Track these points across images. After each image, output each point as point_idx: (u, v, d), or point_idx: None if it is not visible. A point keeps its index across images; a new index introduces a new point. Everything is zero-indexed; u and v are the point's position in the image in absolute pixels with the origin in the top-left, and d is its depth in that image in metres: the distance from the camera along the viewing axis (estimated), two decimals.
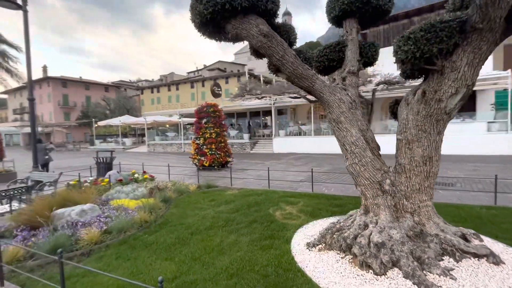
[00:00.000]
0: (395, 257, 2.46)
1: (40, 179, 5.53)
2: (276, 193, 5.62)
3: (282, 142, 18.05)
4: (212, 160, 11.14)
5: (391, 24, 18.06)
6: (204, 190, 6.19)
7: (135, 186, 5.99)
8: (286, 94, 17.78)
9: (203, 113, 11.56)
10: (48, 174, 5.69)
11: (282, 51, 2.77)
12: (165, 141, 22.47)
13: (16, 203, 4.73)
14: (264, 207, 4.67)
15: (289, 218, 4.14)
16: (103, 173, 7.77)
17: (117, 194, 5.35)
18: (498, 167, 9.56)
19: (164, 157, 17.63)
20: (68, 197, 4.34)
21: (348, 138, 3.03)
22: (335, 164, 11.62)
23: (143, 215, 4.01)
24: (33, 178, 5.72)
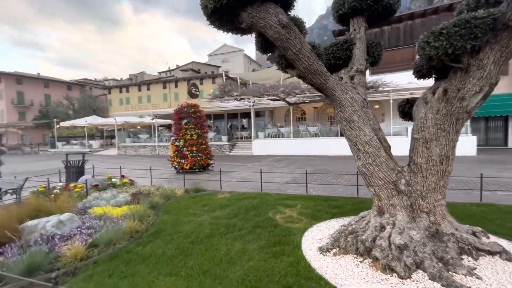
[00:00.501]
0: (419, 258, 2.40)
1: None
2: (270, 195, 5.44)
3: (261, 144, 17.96)
4: (193, 162, 10.67)
5: None
6: (192, 194, 5.80)
7: (114, 192, 5.43)
8: (265, 96, 17.77)
9: (184, 113, 11.04)
10: (10, 180, 4.92)
11: (299, 44, 2.61)
12: (137, 143, 21.24)
13: None
14: (263, 210, 4.46)
15: (291, 222, 3.97)
16: (74, 178, 6.99)
17: (96, 201, 4.78)
18: (464, 166, 10.30)
19: (137, 160, 16.62)
20: (39, 206, 3.75)
21: (361, 138, 2.95)
22: (316, 166, 11.75)
23: (132, 224, 3.57)
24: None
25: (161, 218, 4.21)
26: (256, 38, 3.12)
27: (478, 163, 11.15)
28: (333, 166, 11.53)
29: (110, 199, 4.96)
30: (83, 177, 6.23)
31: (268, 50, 3.17)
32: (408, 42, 17.57)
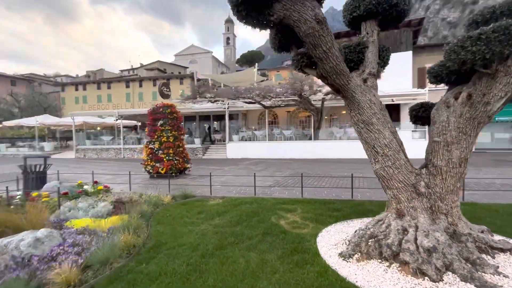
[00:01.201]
0: (448, 261, 2.42)
1: None
2: (266, 200, 5.25)
3: (235, 147, 17.69)
4: (170, 166, 10.02)
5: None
6: (180, 201, 5.35)
7: (91, 201, 4.76)
8: (240, 99, 17.59)
9: (159, 114, 10.35)
10: None
11: (330, 42, 2.51)
12: (99, 145, 19.46)
13: None
14: (264, 216, 4.25)
15: (298, 227, 3.83)
16: (35, 185, 6.03)
17: (72, 213, 4.12)
18: None
19: (101, 164, 15.17)
20: (3, 221, 3.09)
21: (380, 140, 2.93)
22: (294, 169, 11.86)
23: (127, 238, 3.10)
24: None
25: (155, 229, 3.76)
26: (273, 35, 2.95)
27: None
28: (311, 169, 11.72)
29: (88, 209, 4.33)
30: (49, 184, 5.37)
31: (284, 48, 3.02)
32: None
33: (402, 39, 18.06)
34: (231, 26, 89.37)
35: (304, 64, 2.90)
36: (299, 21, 2.39)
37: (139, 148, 18.86)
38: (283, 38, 2.85)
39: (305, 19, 2.37)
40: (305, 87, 15.62)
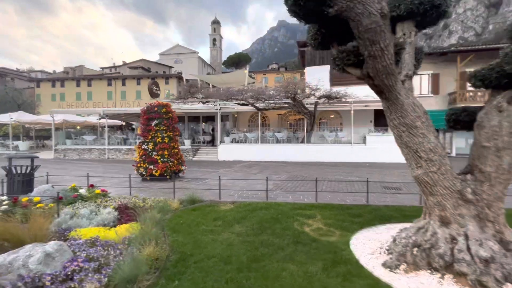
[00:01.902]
0: (506, 271, 2.32)
1: None
2: (280, 205, 5.02)
3: (227, 150, 17.33)
4: (164, 168, 9.54)
5: None
6: (190, 206, 4.99)
7: (92, 207, 4.31)
8: (233, 100, 17.30)
9: (154, 113, 9.84)
10: None
11: (389, 39, 2.35)
12: (81, 145, 18.34)
13: None
14: (286, 223, 4.03)
15: (325, 235, 3.64)
16: (21, 189, 5.41)
17: (74, 221, 3.67)
18: None
19: (85, 166, 14.26)
20: (2, 233, 2.65)
21: (425, 145, 2.82)
22: (290, 172, 11.74)
23: (150, 251, 2.75)
24: None
25: (173, 238, 3.40)
26: (315, 30, 2.77)
27: None
28: (307, 172, 11.65)
29: (92, 216, 3.89)
30: (40, 188, 4.81)
31: (324, 45, 2.83)
32: None
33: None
34: (218, 27, 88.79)
35: (348, 63, 2.74)
36: (362, 15, 2.22)
37: (125, 149, 18.00)
38: (327, 34, 2.67)
39: (370, 12, 2.20)
40: (299, 90, 15.63)
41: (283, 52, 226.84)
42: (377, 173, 11.44)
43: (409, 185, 8.22)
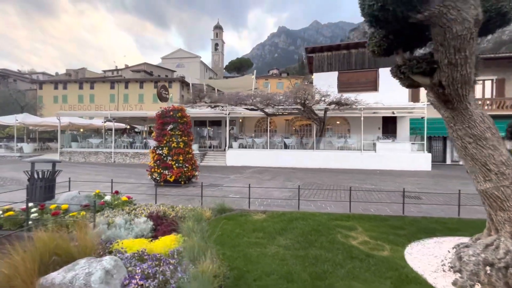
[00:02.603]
0: None
1: None
2: (315, 215, 4.86)
3: (235, 155, 17.17)
4: (179, 174, 9.37)
5: (333, 52, 20.14)
6: (222, 215, 4.82)
7: (126, 216, 4.13)
8: (242, 105, 17.21)
9: (169, 118, 9.72)
10: None
11: (474, 47, 2.25)
12: (86, 148, 18.11)
13: None
14: (329, 235, 3.87)
15: (375, 249, 3.49)
16: (42, 195, 5.22)
17: (113, 231, 3.49)
18: (430, 180, 11.39)
19: (94, 169, 14.04)
20: (53, 246, 2.47)
21: (496, 157, 2.69)
22: (303, 179, 11.59)
23: (207, 267, 2.58)
24: None
25: (220, 252, 3.23)
26: (381, 36, 2.65)
27: (439, 177, 12.43)
28: (319, 179, 11.50)
29: (128, 226, 3.71)
30: (68, 194, 4.62)
31: (389, 51, 2.72)
32: (372, 66, 19.25)
33: None
34: (220, 32, 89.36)
35: (419, 71, 2.62)
36: (455, 21, 2.11)
37: (132, 153, 17.79)
38: (394, 41, 2.56)
39: (463, 18, 2.09)
40: (309, 96, 15.57)
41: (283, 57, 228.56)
42: (390, 181, 11.32)
43: (428, 194, 8.08)
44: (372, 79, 19.42)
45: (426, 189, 9.29)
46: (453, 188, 9.51)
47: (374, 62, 19.18)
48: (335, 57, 20.11)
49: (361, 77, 19.75)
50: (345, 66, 19.81)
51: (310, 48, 20.83)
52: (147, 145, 18.37)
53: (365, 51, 19.50)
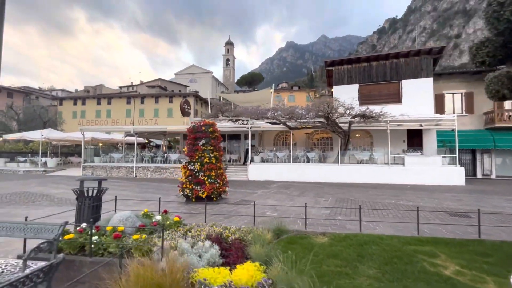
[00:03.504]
0: None
1: (35, 234, 2.89)
2: (382, 238, 4.47)
3: (257, 169, 16.89)
4: (212, 190, 9.13)
5: (353, 64, 20.03)
6: (283, 238, 4.49)
7: (190, 239, 3.87)
8: (264, 119, 17.09)
9: (200, 132, 9.61)
10: (37, 225, 3.07)
11: None
12: (109, 163, 18.22)
13: None
14: (415, 263, 3.49)
15: (476, 281, 3.08)
16: (89, 215, 5.04)
17: (185, 258, 3.22)
18: (469, 197, 10.74)
19: (119, 185, 14.00)
20: (148, 281, 2.22)
21: None
22: (333, 194, 11.15)
23: None
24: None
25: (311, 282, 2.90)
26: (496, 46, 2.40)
27: (478, 193, 11.73)
28: (351, 195, 11.04)
29: (194, 251, 3.44)
30: (122, 215, 4.41)
31: (501, 61, 2.46)
32: (394, 78, 18.97)
33: (422, 65, 18.37)
34: (231, 48, 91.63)
35: None
36: None
37: (153, 167, 17.76)
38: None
39: None
40: (333, 109, 15.33)
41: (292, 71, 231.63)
42: (427, 197, 10.73)
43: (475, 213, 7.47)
44: (395, 91, 19.09)
45: (470, 207, 8.71)
46: (499, 205, 8.91)
47: (396, 74, 18.94)
48: (355, 69, 19.98)
49: (383, 89, 19.45)
50: (366, 79, 19.61)
51: (330, 61, 20.80)
52: (167, 159, 18.36)
53: (386, 63, 19.33)
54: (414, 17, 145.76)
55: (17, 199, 9.88)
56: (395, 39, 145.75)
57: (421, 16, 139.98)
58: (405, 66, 18.75)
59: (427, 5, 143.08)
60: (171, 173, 17.47)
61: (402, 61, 18.81)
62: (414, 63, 18.55)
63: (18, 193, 11.10)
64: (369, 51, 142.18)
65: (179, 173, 17.57)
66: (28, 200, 9.85)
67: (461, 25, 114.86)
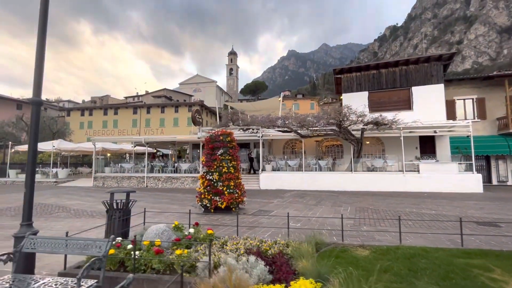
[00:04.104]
0: None
1: (86, 252, 2.78)
2: (426, 251, 4.27)
3: (269, 178, 16.73)
4: (231, 200, 8.99)
5: (362, 72, 20.05)
6: (322, 251, 4.33)
7: (232, 254, 3.74)
8: (275, 128, 17.04)
9: (218, 142, 9.54)
10: (86, 240, 2.97)
11: None
12: (119, 173, 18.17)
13: None
14: (473, 278, 3.30)
15: None
16: (119, 228, 4.92)
17: (236, 275, 3.08)
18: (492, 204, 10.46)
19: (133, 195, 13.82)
20: None
21: None
22: (352, 204, 10.92)
23: None
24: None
25: None
26: None
27: (499, 201, 11.45)
28: (369, 203, 10.82)
29: (242, 268, 3.30)
30: (157, 228, 4.28)
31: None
32: (404, 85, 18.91)
33: (432, 72, 18.33)
34: (234, 58, 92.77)
35: None
36: None
37: (164, 177, 17.67)
38: None
39: None
40: (345, 117, 15.25)
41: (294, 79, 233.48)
42: (448, 205, 10.48)
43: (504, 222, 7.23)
44: (405, 97, 19.00)
45: (496, 215, 8.46)
46: None
47: (406, 81, 18.90)
48: (364, 77, 19.99)
49: (393, 96, 19.38)
50: (376, 86, 19.58)
51: (338, 69, 20.86)
52: (178, 169, 18.28)
53: (396, 70, 19.31)
54: (414, 24, 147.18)
55: (34, 211, 9.78)
56: (397, 46, 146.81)
57: (421, 23, 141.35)
58: (415, 72, 18.72)
59: (427, 12, 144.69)
60: (182, 182, 17.36)
61: (412, 67, 18.80)
62: (424, 69, 18.52)
63: (33, 205, 11.03)
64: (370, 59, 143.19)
65: (190, 183, 17.47)
66: (45, 212, 9.78)
67: (462, 31, 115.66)
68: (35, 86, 3.57)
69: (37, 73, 3.58)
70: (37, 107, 3.61)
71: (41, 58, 3.61)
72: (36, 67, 3.59)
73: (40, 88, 3.62)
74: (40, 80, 3.60)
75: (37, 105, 3.60)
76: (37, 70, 3.58)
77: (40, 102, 3.63)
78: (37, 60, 3.60)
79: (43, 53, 3.66)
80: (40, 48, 3.60)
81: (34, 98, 3.57)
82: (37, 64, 3.59)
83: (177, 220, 5.58)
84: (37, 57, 3.60)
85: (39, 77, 3.60)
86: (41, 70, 3.60)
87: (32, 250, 3.06)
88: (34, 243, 3.09)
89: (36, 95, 3.58)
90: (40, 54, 3.60)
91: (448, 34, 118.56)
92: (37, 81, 3.57)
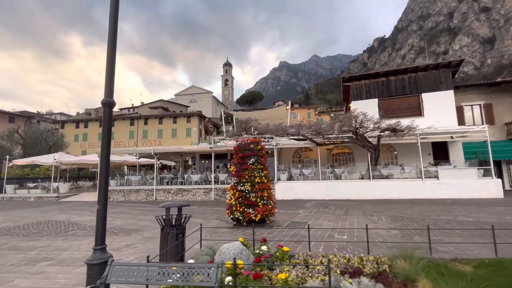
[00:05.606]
0: None
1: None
2: None
3: (285, 187, 16.21)
4: (266, 212, 8.41)
5: (371, 79, 20.10)
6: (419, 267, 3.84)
7: (334, 276, 3.20)
8: (288, 136, 16.69)
9: (249, 151, 9.02)
10: (199, 264, 2.40)
11: None
12: (127, 186, 17.28)
13: None
14: None
15: None
16: (180, 247, 4.31)
17: None
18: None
19: (141, 209, 13.04)
20: None
21: None
22: (383, 212, 10.44)
23: None
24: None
25: None
26: None
27: None
28: (399, 212, 10.37)
29: None
30: (233, 247, 3.69)
31: None
32: (413, 91, 18.99)
33: (441, 78, 18.50)
34: (229, 69, 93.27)
35: None
36: None
37: (175, 189, 16.89)
38: None
39: None
40: (362, 124, 15.04)
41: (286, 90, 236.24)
42: (479, 211, 10.14)
43: None
44: (415, 104, 19.05)
45: None
46: None
47: (415, 88, 19.00)
48: (373, 84, 20.02)
49: (403, 103, 19.40)
50: (385, 93, 19.61)
51: (347, 77, 20.88)
52: (187, 180, 17.55)
53: (405, 77, 19.43)
54: (401, 35, 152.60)
55: (47, 229, 8.96)
56: (385, 56, 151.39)
57: (408, 34, 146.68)
58: (424, 79, 18.86)
59: (413, 24, 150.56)
60: (193, 194, 16.61)
61: (421, 74, 18.95)
62: (433, 76, 18.69)
63: (42, 222, 10.15)
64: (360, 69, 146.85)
65: (202, 194, 16.73)
66: (59, 230, 8.94)
67: (447, 42, 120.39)
68: (107, 87, 3.23)
69: (108, 76, 3.24)
70: (109, 108, 3.12)
71: (112, 62, 3.25)
72: (107, 69, 3.22)
73: (112, 89, 3.30)
74: (111, 82, 3.30)
75: (109, 107, 3.12)
76: (108, 72, 3.21)
77: (112, 103, 3.15)
78: (108, 63, 3.22)
79: (114, 57, 3.32)
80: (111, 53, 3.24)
81: (106, 99, 3.12)
82: (108, 66, 3.24)
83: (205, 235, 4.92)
84: (108, 60, 3.22)
85: (111, 79, 3.27)
86: (112, 72, 3.26)
87: (120, 282, 2.47)
88: (120, 271, 2.51)
89: (108, 95, 3.12)
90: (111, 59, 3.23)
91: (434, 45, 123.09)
92: (109, 83, 3.25)
